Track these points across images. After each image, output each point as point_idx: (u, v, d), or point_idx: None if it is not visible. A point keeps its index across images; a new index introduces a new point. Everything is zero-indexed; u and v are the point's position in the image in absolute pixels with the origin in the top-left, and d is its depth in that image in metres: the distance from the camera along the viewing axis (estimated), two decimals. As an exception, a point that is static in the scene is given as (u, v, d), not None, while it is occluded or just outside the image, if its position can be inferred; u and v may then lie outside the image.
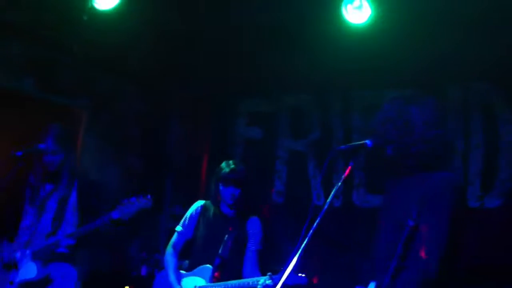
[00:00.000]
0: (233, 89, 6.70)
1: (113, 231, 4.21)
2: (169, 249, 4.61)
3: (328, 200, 2.55)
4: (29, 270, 4.13)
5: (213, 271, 4.32)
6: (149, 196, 4.13)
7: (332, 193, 2.57)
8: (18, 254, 4.20)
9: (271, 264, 5.36)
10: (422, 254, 2.52)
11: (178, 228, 4.64)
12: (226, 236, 4.42)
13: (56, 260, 4.18)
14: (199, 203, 4.72)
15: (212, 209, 4.63)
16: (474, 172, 5.42)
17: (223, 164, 4.60)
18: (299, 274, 3.94)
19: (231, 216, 4.57)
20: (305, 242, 2.44)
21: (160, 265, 4.87)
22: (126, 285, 5.66)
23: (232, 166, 4.53)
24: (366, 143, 2.69)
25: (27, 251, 4.18)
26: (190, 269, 4.49)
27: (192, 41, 6.21)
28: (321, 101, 6.39)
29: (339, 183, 2.58)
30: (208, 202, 4.69)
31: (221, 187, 4.51)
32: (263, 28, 5.78)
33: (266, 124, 6.64)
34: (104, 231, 4.13)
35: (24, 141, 4.21)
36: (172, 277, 4.42)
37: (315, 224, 2.46)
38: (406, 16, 5.11)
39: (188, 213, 4.67)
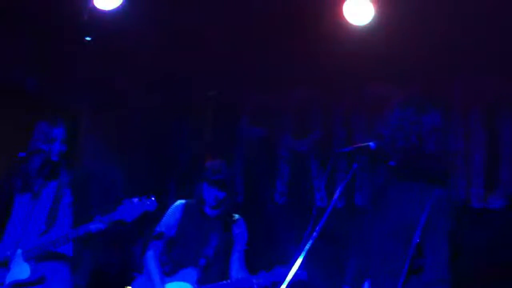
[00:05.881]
0: (237, 88, 6.69)
1: (115, 231, 4.03)
2: (150, 251, 4.36)
3: (332, 201, 2.53)
4: (22, 271, 3.90)
5: (198, 273, 4.17)
6: (153, 197, 3.88)
7: (336, 194, 2.55)
8: (9, 253, 3.94)
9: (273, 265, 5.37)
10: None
11: (159, 228, 4.39)
12: (211, 236, 4.28)
13: (49, 259, 3.97)
14: (180, 202, 4.51)
15: (194, 209, 4.43)
16: (476, 172, 5.39)
17: (209, 164, 4.42)
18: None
19: (214, 217, 4.41)
20: (309, 244, 2.42)
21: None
22: (128, 286, 5.64)
23: (217, 167, 4.34)
24: (369, 145, 2.67)
25: (19, 250, 3.92)
26: (171, 272, 4.27)
27: (196, 39, 6.19)
28: (323, 100, 6.37)
29: (342, 186, 2.56)
30: (190, 201, 4.49)
31: (204, 188, 4.36)
32: (266, 27, 5.76)
33: (269, 123, 6.62)
34: (104, 233, 3.90)
35: (27, 138, 4.14)
36: (157, 282, 4.21)
37: (319, 225, 2.44)
38: (409, 14, 5.09)
39: (169, 213, 4.44)
